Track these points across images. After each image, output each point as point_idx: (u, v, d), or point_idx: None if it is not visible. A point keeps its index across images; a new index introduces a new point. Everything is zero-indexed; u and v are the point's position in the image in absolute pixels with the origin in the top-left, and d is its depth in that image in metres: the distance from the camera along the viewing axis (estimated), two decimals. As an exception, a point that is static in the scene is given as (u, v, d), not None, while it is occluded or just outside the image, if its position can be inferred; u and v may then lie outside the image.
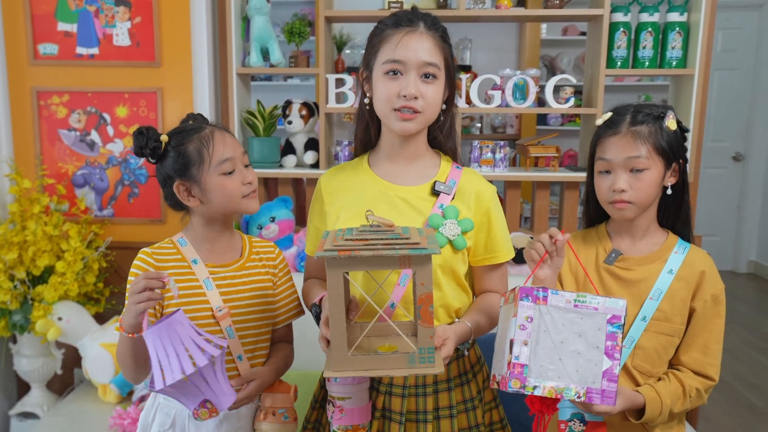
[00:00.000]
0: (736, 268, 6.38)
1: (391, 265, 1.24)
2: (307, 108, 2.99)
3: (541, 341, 1.31)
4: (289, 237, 2.76)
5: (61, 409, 2.60)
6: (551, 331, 1.31)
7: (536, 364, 1.31)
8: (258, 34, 2.87)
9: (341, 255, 1.20)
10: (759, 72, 6.01)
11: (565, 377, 1.32)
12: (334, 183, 1.64)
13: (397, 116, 1.49)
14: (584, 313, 1.32)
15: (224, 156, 1.53)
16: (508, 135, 5.49)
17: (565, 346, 1.32)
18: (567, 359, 1.31)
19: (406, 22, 1.49)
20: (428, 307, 1.25)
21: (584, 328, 1.32)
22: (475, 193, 1.58)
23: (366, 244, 1.23)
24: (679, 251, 1.56)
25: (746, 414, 3.56)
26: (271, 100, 3.34)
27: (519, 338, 1.31)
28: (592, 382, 1.32)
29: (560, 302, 1.32)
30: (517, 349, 1.31)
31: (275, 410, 1.56)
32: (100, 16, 2.81)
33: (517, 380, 1.31)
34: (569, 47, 5.72)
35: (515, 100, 2.85)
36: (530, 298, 1.31)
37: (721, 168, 6.20)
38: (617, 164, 1.50)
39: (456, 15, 2.87)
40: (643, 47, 2.83)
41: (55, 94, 2.87)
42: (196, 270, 1.58)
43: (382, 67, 1.49)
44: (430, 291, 1.24)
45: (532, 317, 1.31)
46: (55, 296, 2.62)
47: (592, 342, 1.32)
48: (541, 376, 1.31)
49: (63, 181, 2.91)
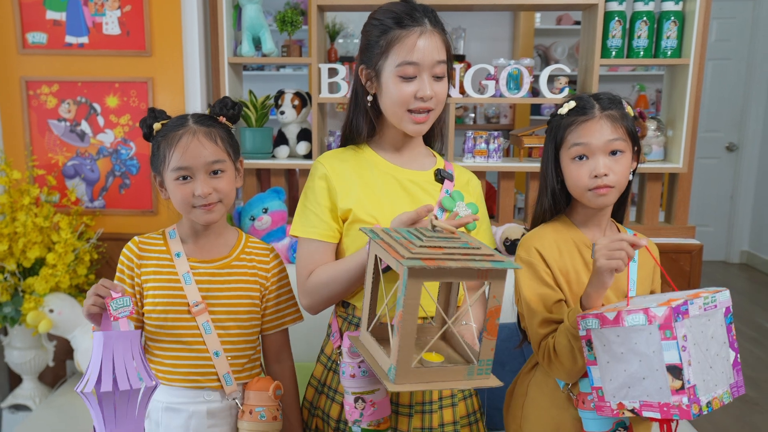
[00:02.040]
0: (728, 258, 6.40)
1: (470, 277, 1.19)
2: (299, 98, 2.97)
3: (695, 356, 1.25)
4: (282, 228, 2.74)
5: (53, 401, 2.58)
6: (700, 343, 1.26)
7: (700, 381, 1.26)
8: (250, 23, 2.84)
9: (430, 266, 1.13)
10: (753, 62, 6.01)
11: (721, 383, 1.29)
12: (339, 163, 1.62)
13: (411, 119, 1.52)
14: (710, 314, 1.29)
15: (179, 164, 1.52)
16: (502, 125, 5.48)
17: (710, 352, 1.28)
18: (715, 365, 1.28)
19: (411, 20, 1.49)
20: (495, 320, 1.22)
21: (713, 328, 1.29)
22: (468, 182, 1.67)
23: (444, 253, 1.18)
24: None
25: (740, 405, 3.58)
26: (263, 89, 3.31)
27: (685, 360, 1.23)
28: (729, 378, 1.30)
29: (695, 311, 1.26)
30: (686, 373, 1.23)
31: (252, 409, 1.55)
32: (90, 5, 2.78)
33: (695, 405, 1.24)
34: (563, 36, 5.71)
35: (509, 90, 2.83)
36: (681, 316, 1.23)
37: (715, 158, 6.21)
38: (597, 147, 1.48)
39: (451, 4, 2.84)
40: (638, 37, 2.81)
41: (44, 84, 2.84)
42: (177, 263, 1.59)
43: (395, 70, 1.49)
44: (500, 304, 1.22)
45: (687, 336, 1.24)
46: (46, 288, 2.60)
47: (720, 339, 1.30)
48: (707, 391, 1.27)
49: (53, 172, 2.89)
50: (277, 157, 2.96)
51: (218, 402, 1.59)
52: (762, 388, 3.76)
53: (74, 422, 2.42)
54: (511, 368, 2.16)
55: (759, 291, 5.61)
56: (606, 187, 1.48)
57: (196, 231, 1.62)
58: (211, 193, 1.52)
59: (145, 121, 1.60)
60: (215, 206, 1.55)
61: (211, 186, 1.52)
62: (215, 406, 1.58)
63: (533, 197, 2.98)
